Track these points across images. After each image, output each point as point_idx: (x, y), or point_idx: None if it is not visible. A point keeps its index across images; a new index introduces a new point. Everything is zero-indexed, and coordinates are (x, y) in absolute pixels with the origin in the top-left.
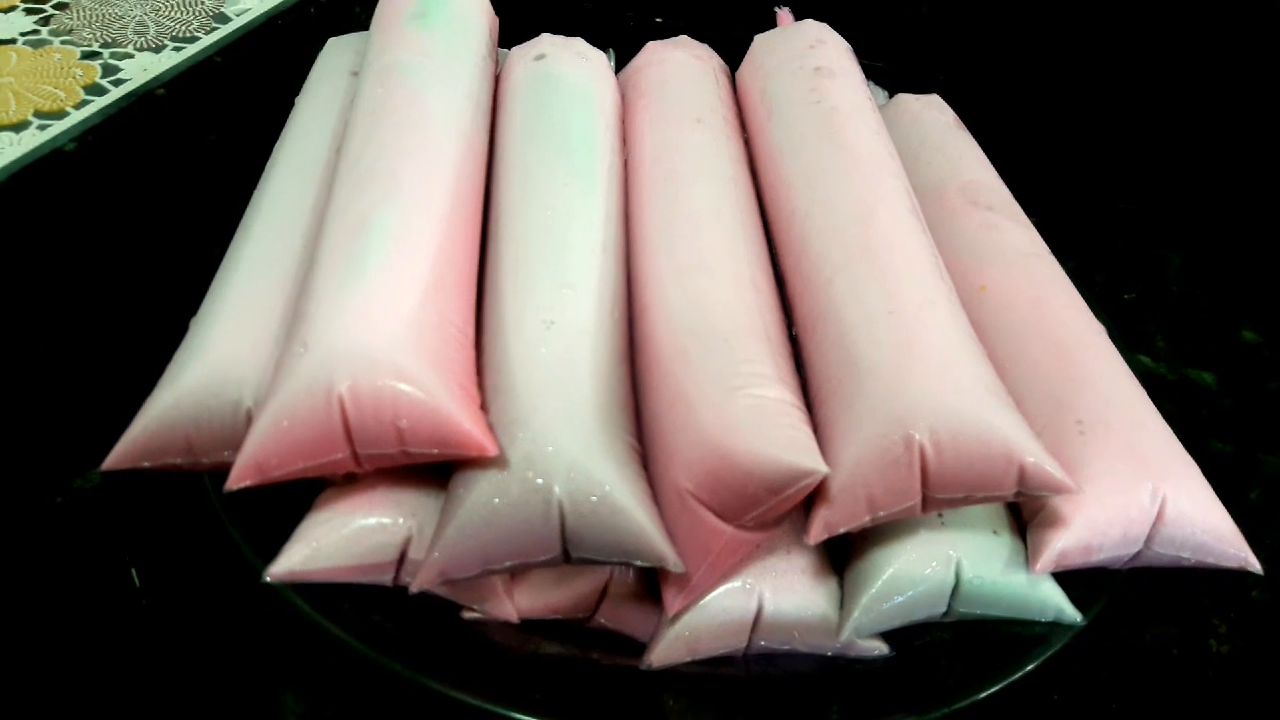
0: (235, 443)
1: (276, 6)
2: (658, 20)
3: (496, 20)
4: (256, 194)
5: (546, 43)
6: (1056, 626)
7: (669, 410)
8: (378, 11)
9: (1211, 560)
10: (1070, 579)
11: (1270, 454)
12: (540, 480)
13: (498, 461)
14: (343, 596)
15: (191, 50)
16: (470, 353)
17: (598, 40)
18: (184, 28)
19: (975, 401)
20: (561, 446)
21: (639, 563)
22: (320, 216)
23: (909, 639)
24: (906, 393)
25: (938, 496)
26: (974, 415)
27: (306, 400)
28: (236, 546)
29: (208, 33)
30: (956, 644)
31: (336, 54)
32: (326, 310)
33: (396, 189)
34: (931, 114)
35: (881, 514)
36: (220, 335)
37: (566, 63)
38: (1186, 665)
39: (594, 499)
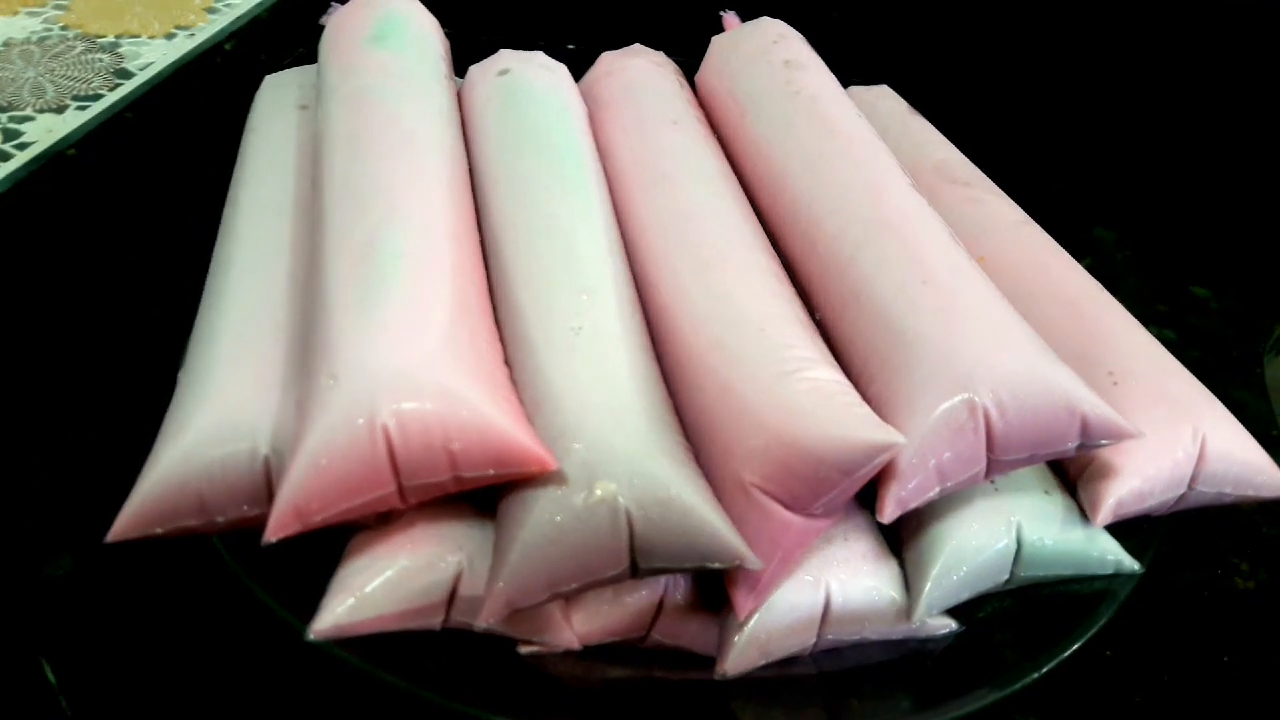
0: (254, 495)
1: (180, 59)
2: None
3: (448, 41)
4: (222, 238)
5: (508, 58)
6: (1116, 578)
7: (718, 404)
8: (327, 38)
9: (1251, 493)
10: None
11: (1239, 389)
12: (602, 490)
13: (554, 476)
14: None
15: (97, 108)
16: (505, 369)
17: None
18: (84, 86)
19: (1030, 359)
20: (619, 452)
21: (714, 565)
22: (307, 251)
23: (971, 613)
24: (961, 357)
25: (1002, 459)
26: (1032, 373)
27: (345, 434)
28: (251, 616)
29: (111, 89)
30: (1020, 613)
31: (277, 90)
32: (351, 337)
33: (396, 208)
34: (887, 103)
35: (949, 484)
36: (220, 383)
37: (532, 76)
38: (1221, 603)
39: (661, 502)
